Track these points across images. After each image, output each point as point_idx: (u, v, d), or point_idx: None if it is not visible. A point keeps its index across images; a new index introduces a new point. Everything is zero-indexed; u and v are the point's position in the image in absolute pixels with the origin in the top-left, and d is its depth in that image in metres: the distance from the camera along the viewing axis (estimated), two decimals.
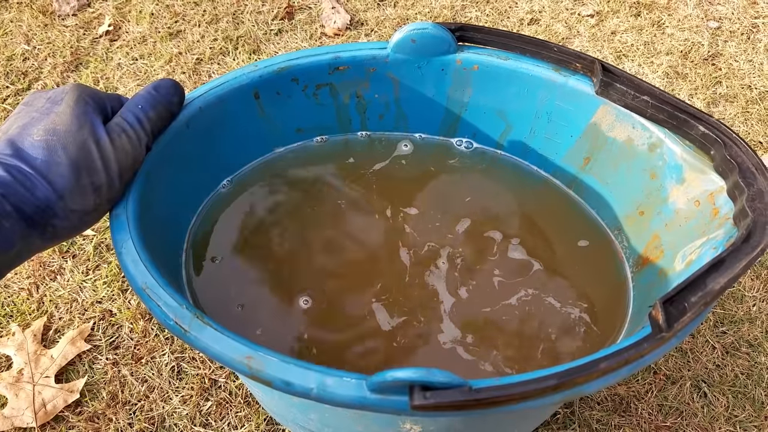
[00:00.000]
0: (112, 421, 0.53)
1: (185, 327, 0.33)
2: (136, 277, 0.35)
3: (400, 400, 0.30)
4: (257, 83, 0.48)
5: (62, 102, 0.36)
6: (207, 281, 0.46)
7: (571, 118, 0.49)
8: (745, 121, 0.81)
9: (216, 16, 0.95)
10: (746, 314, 0.62)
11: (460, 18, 0.96)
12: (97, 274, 0.64)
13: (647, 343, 0.31)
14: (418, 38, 0.49)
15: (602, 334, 0.44)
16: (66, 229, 0.35)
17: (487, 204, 0.52)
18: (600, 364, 0.30)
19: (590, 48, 0.92)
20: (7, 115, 0.80)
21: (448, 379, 0.29)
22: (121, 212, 0.38)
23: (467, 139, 0.55)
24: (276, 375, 0.31)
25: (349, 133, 0.55)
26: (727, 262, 0.33)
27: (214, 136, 0.48)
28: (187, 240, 0.47)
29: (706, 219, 0.40)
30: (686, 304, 0.32)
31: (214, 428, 0.53)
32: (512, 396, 0.29)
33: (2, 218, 0.32)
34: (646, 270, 0.45)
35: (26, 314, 0.61)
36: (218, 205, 0.50)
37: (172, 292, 0.35)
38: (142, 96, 0.40)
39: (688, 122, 0.42)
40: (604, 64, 0.46)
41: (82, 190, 0.35)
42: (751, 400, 0.56)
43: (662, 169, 0.45)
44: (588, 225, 0.50)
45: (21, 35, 0.91)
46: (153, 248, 0.38)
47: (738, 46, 0.91)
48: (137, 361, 0.57)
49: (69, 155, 0.34)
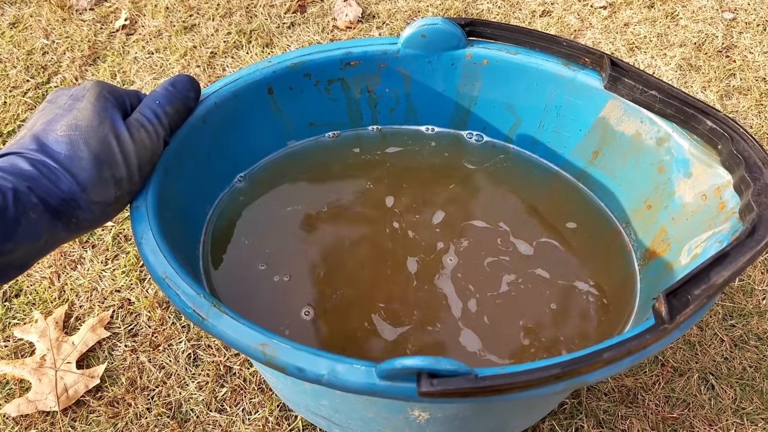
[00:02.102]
0: (131, 406, 0.55)
1: (203, 315, 0.34)
2: (155, 266, 0.37)
3: (408, 386, 0.31)
4: (270, 79, 0.49)
5: (83, 98, 0.38)
6: (224, 274, 0.47)
7: (579, 113, 0.50)
8: (759, 114, 0.80)
9: (230, 10, 0.96)
10: (755, 307, 0.62)
11: (472, 10, 0.97)
12: (116, 264, 0.66)
13: (650, 334, 0.32)
14: (429, 33, 0.50)
15: (610, 325, 0.45)
16: (88, 220, 0.37)
17: (498, 196, 0.52)
18: (603, 354, 0.31)
19: (602, 40, 0.91)
20: (28, 108, 0.82)
21: (454, 367, 0.30)
22: (141, 204, 0.40)
23: (477, 132, 0.56)
24: (289, 361, 0.32)
25: (360, 128, 0.56)
26: (731, 256, 0.33)
27: (229, 131, 0.49)
28: (204, 233, 0.49)
29: (713, 213, 0.41)
30: (689, 297, 0.32)
31: (229, 414, 0.55)
32: (516, 384, 0.30)
33: (29, 210, 0.33)
34: (653, 263, 0.45)
35: (48, 302, 0.63)
36: (234, 198, 0.51)
37: (191, 282, 0.36)
38: (160, 92, 0.42)
39: (696, 117, 0.42)
40: (613, 58, 0.46)
41: (104, 182, 0.36)
42: (759, 393, 0.56)
43: (670, 164, 0.45)
44: (597, 218, 0.51)
45: (40, 30, 0.93)
46: (171, 239, 0.40)
47: (753, 38, 0.91)
48: (155, 349, 0.59)
49: (91, 149, 0.36)
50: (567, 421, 0.54)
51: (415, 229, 0.50)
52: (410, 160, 0.55)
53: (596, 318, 0.45)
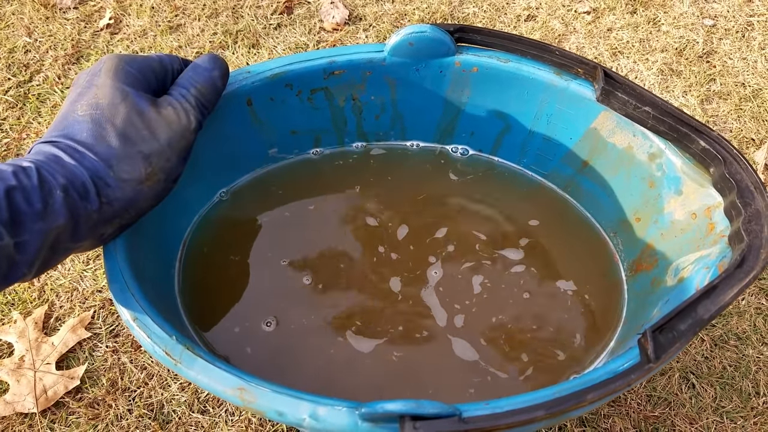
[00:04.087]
0: (111, 407, 0.55)
1: (175, 359, 0.33)
2: (124, 305, 0.35)
3: (391, 428, 0.30)
4: (249, 90, 0.48)
5: (101, 73, 0.36)
6: (200, 293, 0.46)
7: (571, 122, 0.49)
8: (738, 118, 0.82)
9: (216, 10, 0.96)
10: (735, 308, 0.63)
11: (458, 13, 0.97)
12: (97, 264, 0.65)
13: (634, 374, 0.31)
14: (416, 41, 0.48)
15: (597, 334, 0.44)
16: (120, 200, 0.35)
17: (482, 209, 0.52)
18: (587, 395, 0.31)
19: (586, 45, 0.92)
20: (9, 107, 0.81)
21: (437, 409, 0.29)
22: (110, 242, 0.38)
23: (463, 146, 0.55)
24: (269, 405, 0.32)
25: (345, 146, 0.55)
26: (719, 289, 0.33)
27: (208, 146, 0.48)
28: (182, 250, 0.47)
29: (702, 233, 0.40)
30: (675, 333, 0.32)
31: (212, 415, 0.54)
32: (500, 426, 0.30)
33: (55, 188, 0.32)
34: (640, 277, 0.45)
35: (27, 302, 0.62)
36: (215, 215, 0.50)
37: (161, 322, 0.35)
38: (185, 75, 0.41)
39: (689, 136, 0.42)
40: (607, 70, 0.45)
41: (130, 158, 0.35)
42: (738, 392, 0.57)
43: (661, 180, 0.45)
44: (584, 227, 0.51)
45: (22, 28, 0.92)
46: (143, 268, 0.38)
47: (732, 44, 0.92)
48: (137, 349, 0.58)
49: (114, 126, 0.35)
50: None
51: (399, 245, 0.49)
52: (395, 174, 0.54)
53: (582, 328, 0.45)
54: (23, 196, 0.31)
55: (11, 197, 0.31)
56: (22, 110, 0.81)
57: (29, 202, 0.31)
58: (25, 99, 0.82)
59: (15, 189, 0.31)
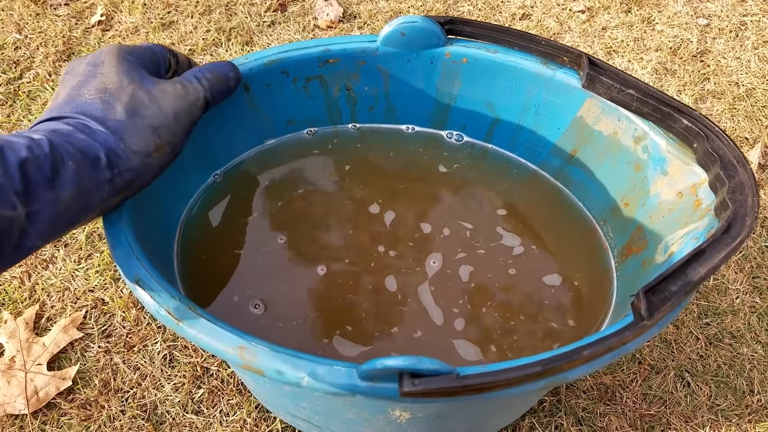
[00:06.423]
0: (104, 408, 0.54)
1: (177, 318, 0.34)
2: (128, 269, 0.36)
3: (390, 387, 0.30)
4: (247, 75, 0.49)
5: (104, 64, 0.38)
6: (199, 273, 0.46)
7: (558, 111, 0.50)
8: (732, 117, 0.82)
9: (209, 8, 0.95)
10: (729, 306, 0.63)
11: (453, 12, 0.97)
12: (89, 263, 0.64)
13: (629, 331, 0.32)
14: (408, 31, 0.49)
15: (588, 322, 0.45)
16: (130, 170, 0.36)
17: (476, 196, 0.52)
18: (583, 352, 0.31)
19: (581, 43, 0.92)
20: None
21: (436, 366, 0.30)
22: None
23: (457, 132, 0.56)
24: (268, 364, 0.32)
25: (339, 125, 0.56)
26: (707, 253, 0.34)
27: (205, 129, 0.48)
28: (179, 232, 0.48)
29: (689, 210, 0.41)
30: (667, 293, 0.33)
31: (206, 415, 0.54)
32: (498, 382, 0.30)
33: (68, 159, 0.33)
34: (630, 260, 0.46)
35: (18, 302, 0.61)
36: (209, 197, 0.50)
37: (165, 284, 0.35)
38: (204, 65, 0.43)
39: (672, 116, 0.43)
40: (591, 57, 0.46)
41: (140, 130, 0.37)
42: (732, 390, 0.57)
43: (647, 162, 0.45)
44: (574, 216, 0.51)
45: (12, 24, 0.91)
46: (144, 240, 0.39)
47: (726, 44, 0.93)
48: (129, 349, 0.58)
49: (124, 104, 0.36)
50: (547, 418, 0.54)
51: (396, 235, 0.49)
52: (389, 159, 0.55)
53: (574, 316, 0.45)
54: (36, 166, 0.32)
55: (25, 169, 0.31)
56: (12, 108, 0.80)
57: (42, 172, 0.32)
58: (15, 96, 0.81)
59: (28, 161, 0.31)
